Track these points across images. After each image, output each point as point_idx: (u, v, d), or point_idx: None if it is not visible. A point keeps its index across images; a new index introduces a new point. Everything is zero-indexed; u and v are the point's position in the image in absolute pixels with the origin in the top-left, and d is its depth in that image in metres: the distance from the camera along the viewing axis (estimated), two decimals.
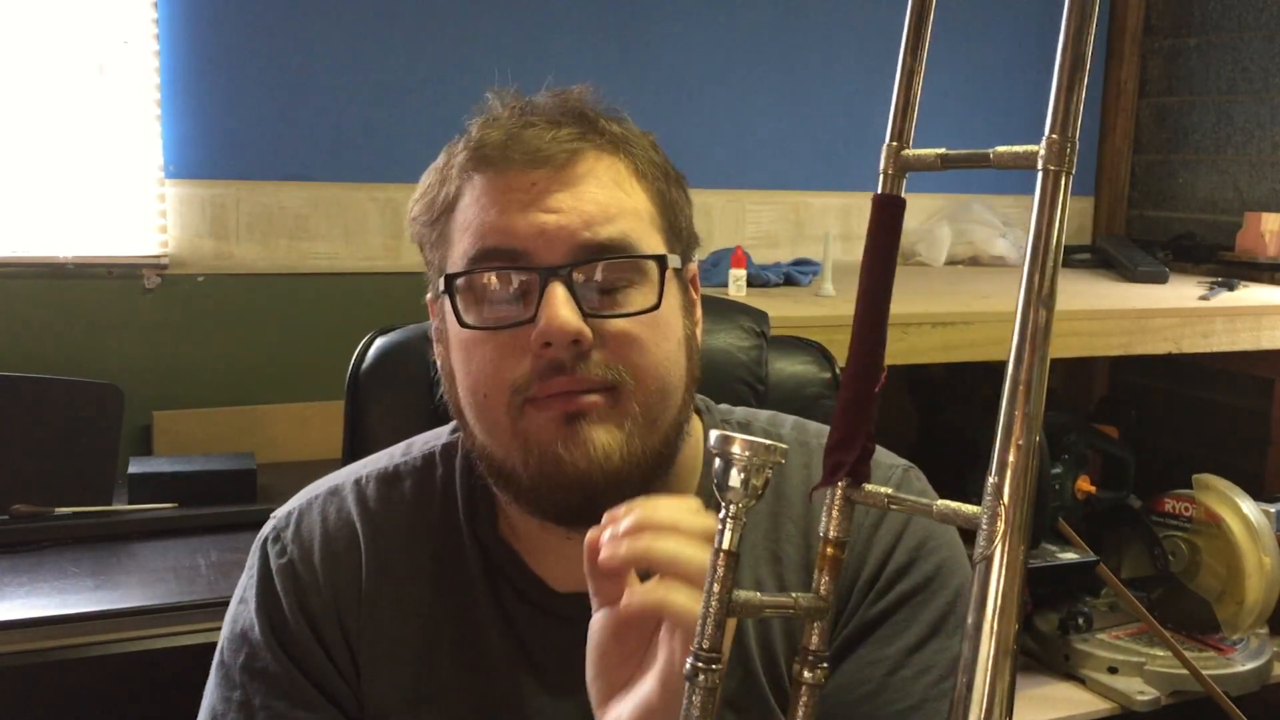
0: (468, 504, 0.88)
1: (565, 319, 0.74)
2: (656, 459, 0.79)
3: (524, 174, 0.78)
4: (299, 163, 2.13)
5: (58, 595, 1.51)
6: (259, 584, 0.87)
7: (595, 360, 0.76)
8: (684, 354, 0.82)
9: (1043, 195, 0.44)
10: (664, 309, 0.79)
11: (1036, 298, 0.44)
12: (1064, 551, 2.07)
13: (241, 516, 1.73)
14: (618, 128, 0.83)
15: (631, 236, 0.79)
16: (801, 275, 2.11)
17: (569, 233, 0.77)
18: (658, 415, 0.79)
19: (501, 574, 0.86)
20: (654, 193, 0.83)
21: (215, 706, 0.85)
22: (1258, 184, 2.59)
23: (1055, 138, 0.44)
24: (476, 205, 0.80)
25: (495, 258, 0.78)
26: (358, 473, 0.91)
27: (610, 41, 2.33)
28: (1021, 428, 0.44)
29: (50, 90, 1.96)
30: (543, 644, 0.84)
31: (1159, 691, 1.99)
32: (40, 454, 1.72)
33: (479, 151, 0.80)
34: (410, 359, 1.21)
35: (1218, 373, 2.48)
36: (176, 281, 2.07)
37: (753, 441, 0.54)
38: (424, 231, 0.85)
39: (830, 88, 2.54)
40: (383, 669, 0.85)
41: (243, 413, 2.10)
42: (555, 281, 0.75)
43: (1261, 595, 2.05)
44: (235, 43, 2.06)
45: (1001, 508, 0.44)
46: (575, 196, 0.78)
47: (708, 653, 0.53)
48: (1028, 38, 2.73)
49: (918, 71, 0.52)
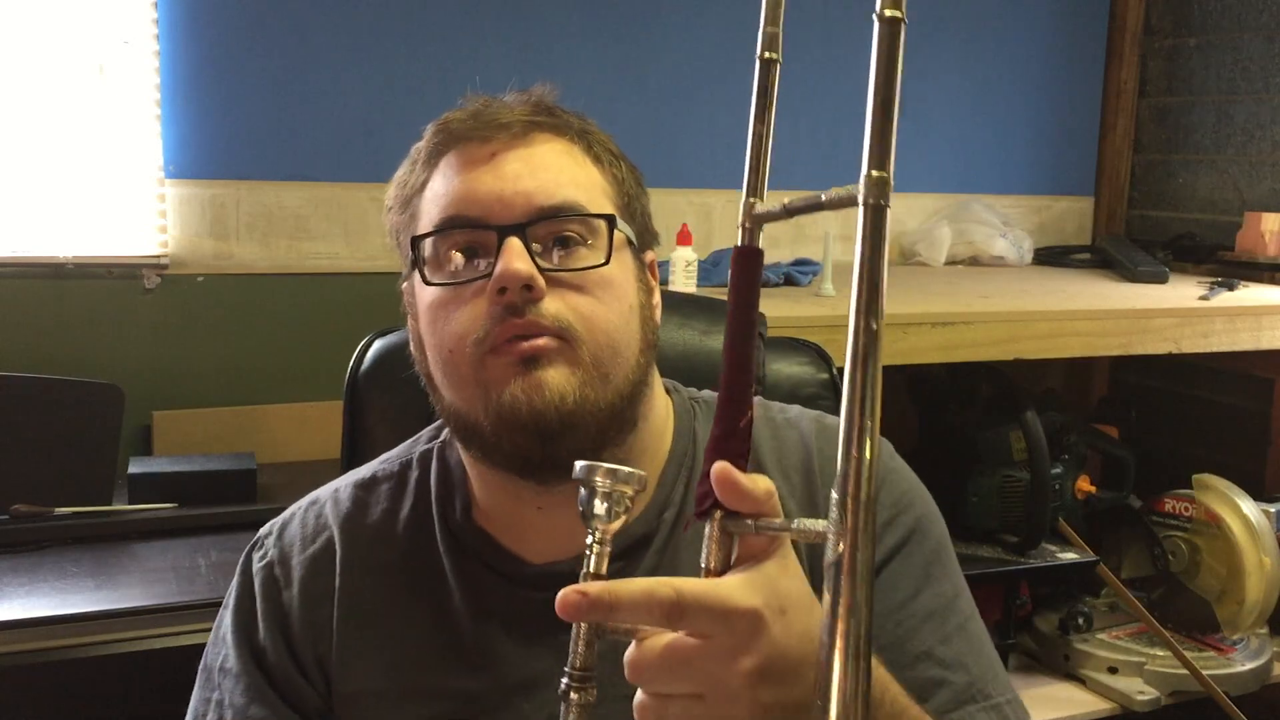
0: (440, 496, 0.92)
1: (519, 266, 0.79)
2: (610, 412, 0.83)
3: (483, 145, 0.84)
4: (299, 163, 2.13)
5: (58, 595, 1.51)
6: (238, 587, 0.93)
7: (547, 307, 0.80)
8: (637, 321, 0.86)
9: (863, 228, 0.45)
10: (615, 272, 0.84)
11: (864, 320, 0.45)
12: (1064, 551, 2.07)
13: (241, 516, 1.73)
14: (576, 120, 0.89)
15: (584, 200, 0.84)
16: (801, 275, 2.11)
17: (525, 196, 0.82)
18: (609, 370, 0.82)
19: (475, 556, 0.89)
20: (609, 175, 0.88)
21: (197, 708, 0.90)
22: (1258, 184, 2.59)
23: (875, 174, 0.45)
24: (441, 179, 0.86)
25: (457, 223, 0.83)
26: (338, 484, 0.97)
27: (610, 42, 2.33)
28: (856, 441, 0.45)
29: (50, 90, 1.96)
30: (516, 612, 0.87)
31: (1159, 691, 2.00)
32: (40, 454, 1.72)
33: (444, 129, 0.87)
34: (409, 361, 1.21)
35: (1218, 373, 2.49)
36: (176, 281, 2.07)
37: (614, 469, 0.60)
38: (397, 220, 0.90)
39: (830, 87, 2.54)
40: (360, 660, 0.88)
41: (243, 413, 2.10)
42: (511, 236, 0.81)
43: (1261, 595, 2.06)
44: (235, 43, 2.06)
45: (847, 515, 0.46)
46: (530, 163, 0.84)
47: (580, 671, 0.58)
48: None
49: (766, 135, 0.59)
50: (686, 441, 0.92)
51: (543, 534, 0.87)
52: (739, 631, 0.56)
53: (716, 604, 0.56)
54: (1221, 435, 2.51)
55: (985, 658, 0.85)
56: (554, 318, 0.80)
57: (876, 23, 0.47)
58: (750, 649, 0.57)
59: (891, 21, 0.46)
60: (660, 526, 0.88)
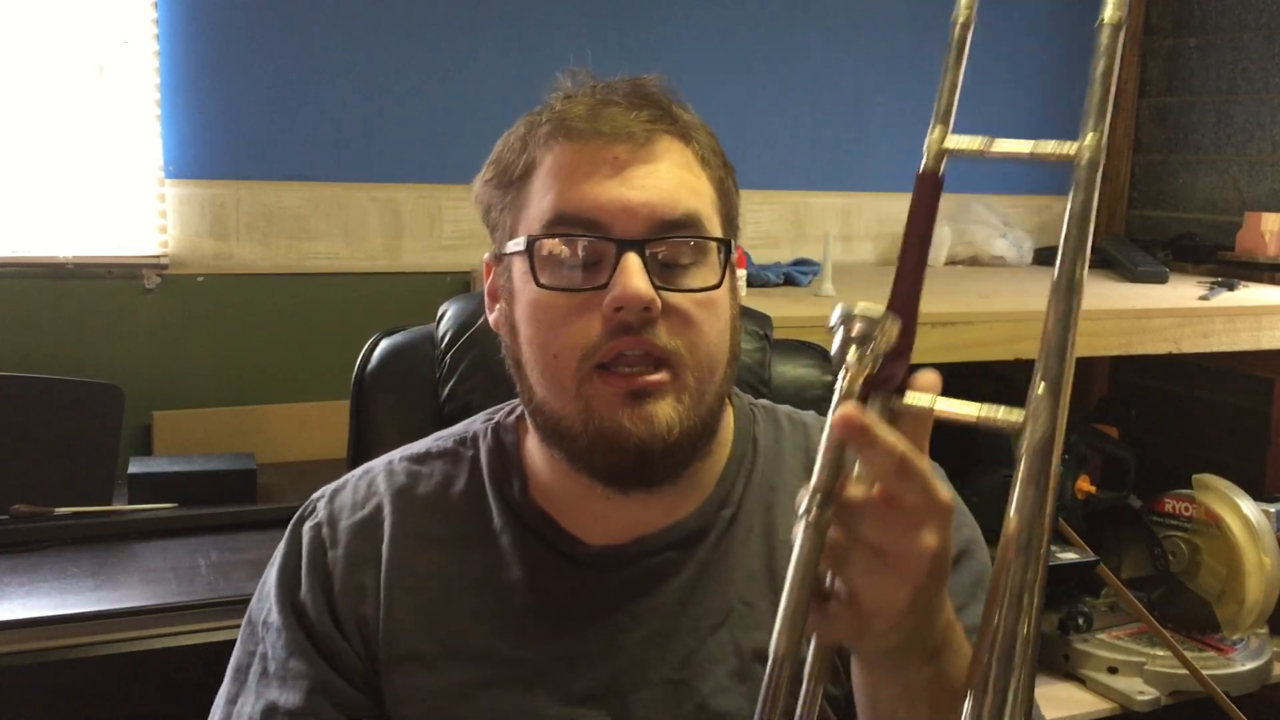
0: (496, 474, 0.93)
1: (640, 287, 0.79)
2: (704, 428, 0.85)
3: (607, 147, 0.83)
4: (299, 163, 2.13)
5: (58, 595, 1.51)
6: (286, 546, 0.94)
7: (661, 331, 0.81)
8: (730, 332, 0.88)
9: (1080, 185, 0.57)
10: (722, 292, 0.85)
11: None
12: (1064, 551, 2.07)
13: (241, 516, 1.73)
14: (687, 115, 0.89)
15: (700, 218, 0.84)
16: (801, 275, 2.11)
17: (649, 208, 0.82)
18: (706, 389, 0.84)
19: (531, 532, 0.91)
20: (715, 180, 0.88)
21: (240, 659, 0.92)
22: (1258, 184, 2.59)
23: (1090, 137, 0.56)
24: (558, 172, 0.84)
25: (576, 224, 0.82)
26: (391, 456, 0.98)
27: (610, 41, 2.32)
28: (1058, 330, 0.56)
29: (50, 90, 1.96)
30: (570, 590, 0.89)
31: (1159, 691, 1.99)
32: (40, 454, 1.72)
33: (563, 123, 0.85)
34: (415, 361, 1.21)
35: (1218, 373, 2.49)
36: (176, 281, 2.07)
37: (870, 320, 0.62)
38: (495, 194, 0.89)
39: (830, 88, 2.54)
40: (407, 624, 0.90)
41: (243, 413, 2.10)
42: (631, 252, 0.80)
43: (1261, 595, 2.05)
44: (235, 43, 2.06)
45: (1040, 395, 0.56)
46: (654, 174, 0.83)
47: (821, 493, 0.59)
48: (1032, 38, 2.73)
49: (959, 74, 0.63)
50: (746, 444, 0.94)
51: (605, 520, 0.89)
52: (936, 511, 0.60)
53: (928, 480, 0.59)
54: (1221, 435, 2.51)
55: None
56: (666, 342, 0.81)
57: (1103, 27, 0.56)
58: (938, 532, 0.60)
59: (1114, 26, 0.56)
60: (716, 523, 0.90)
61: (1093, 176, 0.56)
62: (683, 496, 0.90)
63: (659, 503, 0.88)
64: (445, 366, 1.20)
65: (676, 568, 0.88)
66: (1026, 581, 0.55)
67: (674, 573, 0.88)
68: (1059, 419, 0.55)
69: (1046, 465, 0.55)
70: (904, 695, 0.66)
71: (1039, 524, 0.55)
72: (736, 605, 0.87)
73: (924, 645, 0.64)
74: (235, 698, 0.90)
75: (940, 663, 0.65)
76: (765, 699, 0.58)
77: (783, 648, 0.58)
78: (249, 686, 0.90)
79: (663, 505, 0.89)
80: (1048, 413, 0.55)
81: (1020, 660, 0.54)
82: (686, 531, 0.89)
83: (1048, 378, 0.55)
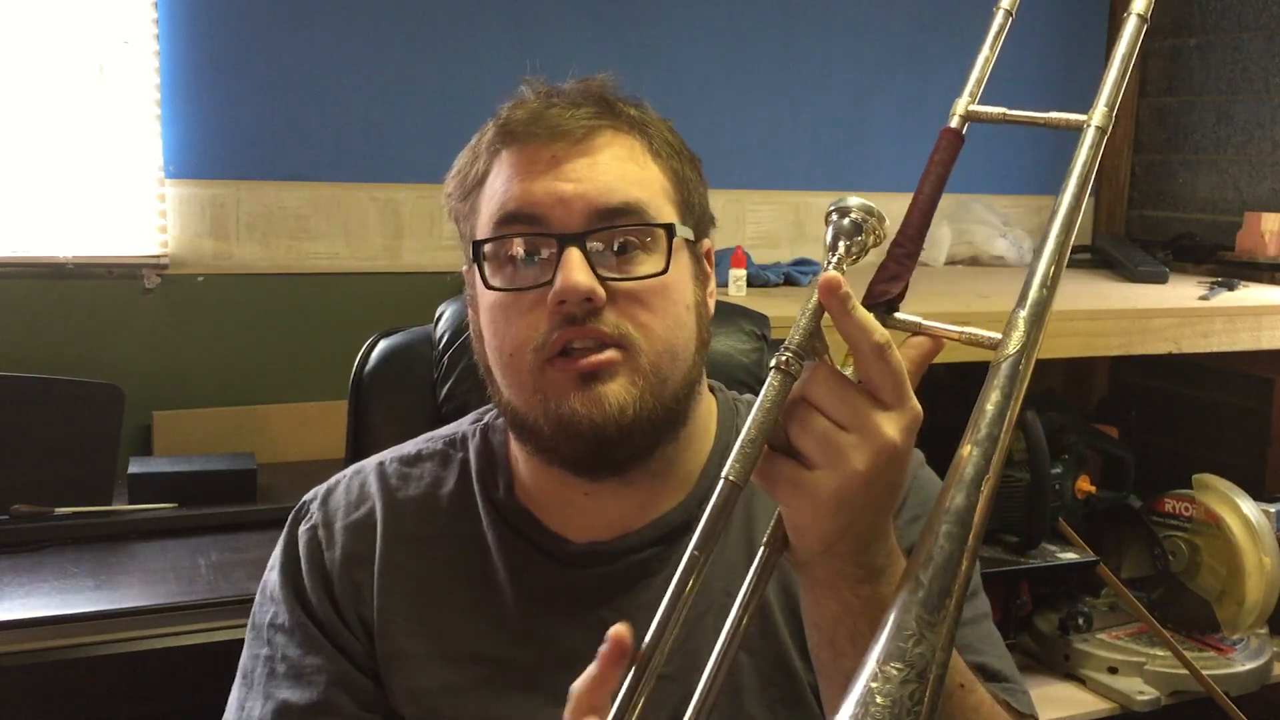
0: (483, 474, 0.95)
1: (578, 279, 0.80)
2: (667, 414, 0.85)
3: (545, 147, 0.85)
4: (299, 163, 2.13)
5: (58, 595, 1.51)
6: (283, 549, 0.95)
7: (607, 318, 0.82)
8: (693, 318, 0.88)
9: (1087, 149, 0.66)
10: (672, 275, 0.85)
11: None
12: (1064, 551, 2.07)
13: (241, 516, 1.74)
14: (635, 111, 0.90)
15: (643, 205, 0.85)
16: (801, 275, 2.11)
17: (585, 200, 0.83)
18: (667, 374, 0.84)
19: (516, 531, 0.92)
20: (668, 170, 0.90)
21: (246, 664, 0.93)
22: (1258, 184, 2.59)
23: (1103, 109, 0.65)
24: (502, 177, 0.86)
25: (517, 222, 0.84)
26: (382, 457, 0.99)
27: (610, 41, 2.32)
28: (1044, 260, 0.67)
29: (50, 90, 1.96)
30: (557, 589, 0.90)
31: (1159, 691, 1.99)
32: (40, 454, 1.72)
33: (505, 128, 0.87)
34: (413, 361, 1.22)
35: (1218, 373, 2.48)
36: (176, 281, 2.07)
37: (863, 219, 0.67)
38: (457, 206, 0.91)
39: (830, 88, 2.54)
40: (400, 624, 0.91)
41: (243, 413, 2.10)
42: (571, 246, 0.82)
43: (1261, 595, 2.05)
44: (235, 43, 2.06)
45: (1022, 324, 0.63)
46: (591, 167, 0.85)
47: (795, 349, 0.63)
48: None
49: (991, 58, 0.73)
50: (728, 437, 0.94)
51: (587, 516, 0.90)
52: (904, 402, 0.63)
53: (902, 375, 0.63)
54: (1221, 435, 2.51)
55: (1004, 650, 0.91)
56: (614, 327, 0.82)
57: (1130, 18, 0.65)
58: (900, 431, 0.63)
59: (1140, 18, 0.65)
60: (699, 517, 0.90)
61: (1099, 139, 0.63)
62: (664, 491, 0.91)
63: (639, 496, 0.89)
64: (443, 367, 1.20)
65: (661, 564, 0.89)
66: (978, 469, 0.57)
67: (659, 569, 0.89)
68: (1034, 337, 0.60)
69: (1015, 374, 0.59)
70: (844, 614, 0.67)
71: (997, 425, 0.58)
72: (719, 596, 0.87)
73: (862, 561, 0.65)
74: (244, 703, 0.91)
75: (879, 585, 0.66)
76: (710, 515, 0.62)
77: (734, 473, 0.61)
78: (258, 689, 0.90)
79: (643, 500, 0.90)
80: (1025, 329, 0.60)
81: (961, 553, 0.55)
82: (669, 526, 0.90)
83: (1027, 302, 0.61)
